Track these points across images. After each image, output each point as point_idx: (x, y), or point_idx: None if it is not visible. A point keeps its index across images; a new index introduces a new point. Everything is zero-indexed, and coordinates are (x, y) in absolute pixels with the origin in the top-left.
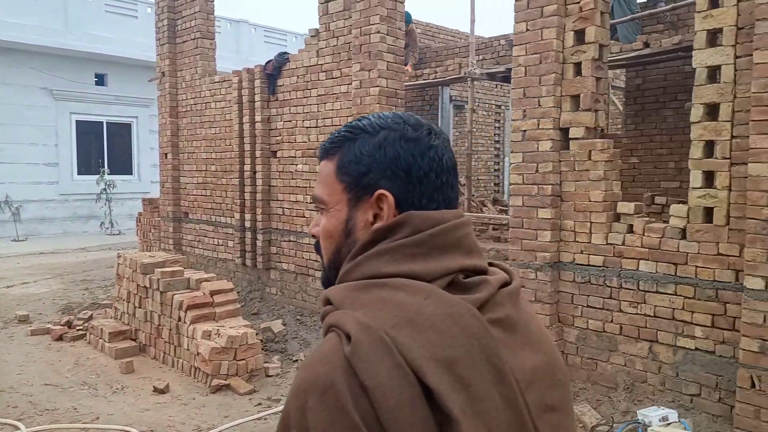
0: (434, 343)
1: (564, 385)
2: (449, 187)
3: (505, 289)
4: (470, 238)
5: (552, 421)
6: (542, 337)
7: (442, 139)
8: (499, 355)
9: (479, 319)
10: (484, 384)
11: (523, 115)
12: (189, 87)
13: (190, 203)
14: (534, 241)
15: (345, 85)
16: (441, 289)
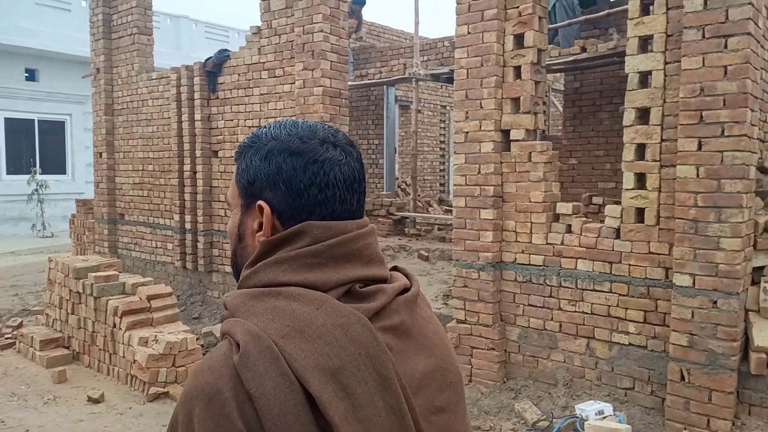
0: (321, 353)
1: (455, 387)
2: (337, 201)
3: (402, 296)
4: (371, 248)
5: (440, 422)
6: (437, 341)
7: (339, 151)
8: (385, 363)
9: (368, 329)
10: (368, 392)
11: (465, 117)
12: (125, 84)
13: (126, 204)
14: (477, 241)
15: (288, 84)
16: (334, 299)
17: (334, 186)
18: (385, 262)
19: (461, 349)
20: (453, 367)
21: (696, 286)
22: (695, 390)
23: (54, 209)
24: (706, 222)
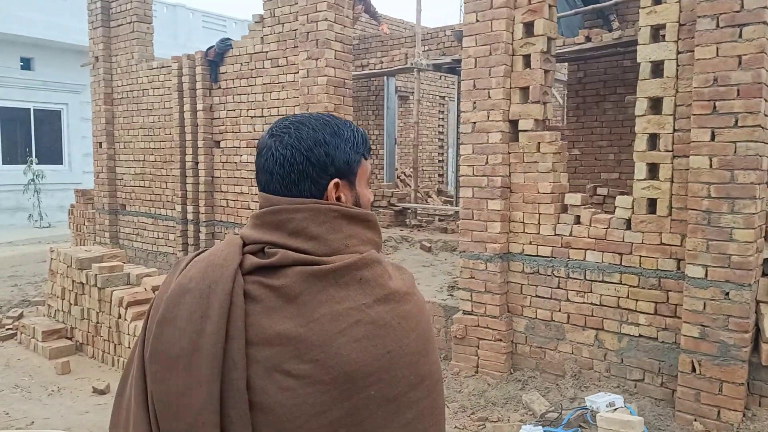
0: (190, 274)
1: (324, 369)
2: (263, 183)
3: (305, 268)
4: (295, 222)
5: (282, 384)
6: (327, 324)
7: (272, 140)
8: (220, 297)
9: (232, 270)
10: (190, 310)
11: (473, 107)
12: (125, 73)
13: (128, 195)
14: (484, 232)
15: (291, 74)
16: (236, 245)
17: (260, 170)
18: (315, 238)
19: (467, 340)
20: (334, 359)
21: (708, 277)
22: (706, 381)
23: (50, 199)
24: (719, 213)
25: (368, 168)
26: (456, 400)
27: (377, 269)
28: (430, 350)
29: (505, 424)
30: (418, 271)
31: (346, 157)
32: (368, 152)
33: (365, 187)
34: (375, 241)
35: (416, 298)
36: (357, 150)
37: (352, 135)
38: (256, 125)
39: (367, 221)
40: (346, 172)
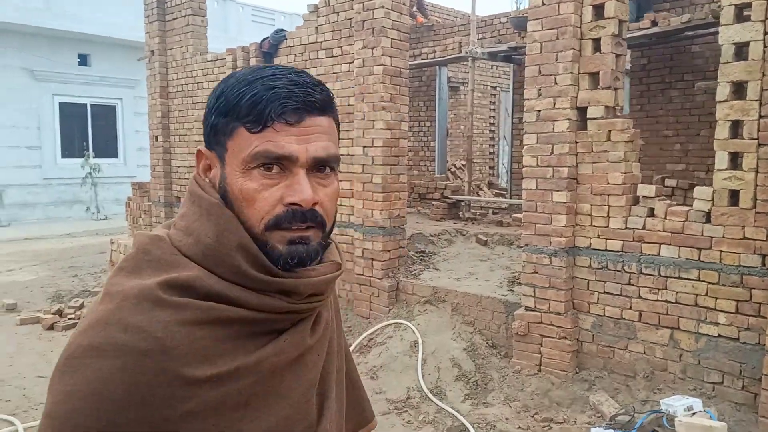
0: None
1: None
2: None
3: None
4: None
5: None
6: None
7: None
8: None
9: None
10: None
11: (537, 94)
12: (180, 66)
13: (182, 187)
14: (548, 225)
15: (346, 64)
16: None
17: None
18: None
19: (530, 338)
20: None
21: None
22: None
23: (107, 192)
24: None
25: (250, 145)
26: (518, 399)
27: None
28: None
29: (573, 425)
30: (475, 265)
31: (211, 119)
32: (254, 121)
33: (242, 172)
34: (203, 241)
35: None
36: (226, 111)
37: (228, 90)
38: None
39: (203, 208)
40: (213, 140)
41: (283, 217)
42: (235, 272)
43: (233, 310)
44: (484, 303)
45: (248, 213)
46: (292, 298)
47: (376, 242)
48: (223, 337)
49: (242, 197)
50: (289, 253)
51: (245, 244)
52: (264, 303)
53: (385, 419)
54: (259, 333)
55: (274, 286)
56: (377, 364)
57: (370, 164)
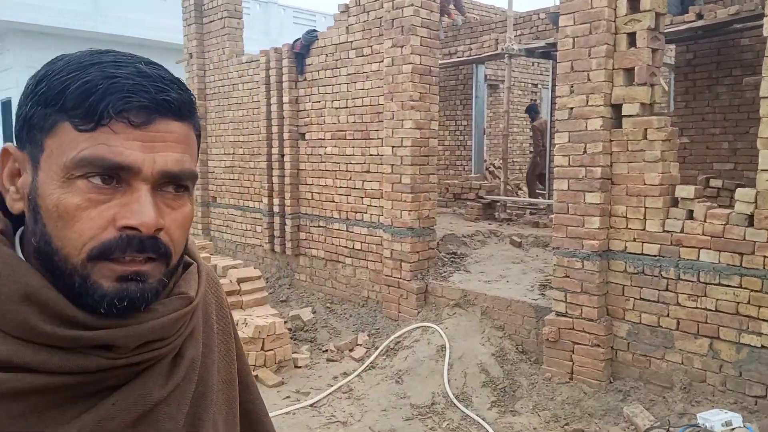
0: None
1: None
2: None
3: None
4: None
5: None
6: None
7: None
8: None
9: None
10: None
11: (570, 91)
12: (216, 68)
13: (218, 188)
14: (581, 227)
15: (376, 63)
16: None
17: None
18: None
19: (561, 344)
20: None
21: None
22: None
23: None
24: None
25: (76, 147)
26: (548, 408)
27: None
28: None
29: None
30: (507, 267)
31: (24, 110)
32: (84, 114)
33: (60, 181)
34: None
35: None
36: (45, 100)
37: (52, 74)
38: (341, 116)
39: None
40: (26, 137)
41: (114, 244)
42: (23, 329)
43: (24, 378)
44: (514, 307)
45: (65, 236)
46: (116, 353)
47: (404, 243)
48: (17, 413)
49: (58, 214)
50: (117, 293)
51: (33, 291)
52: (71, 363)
53: (407, 425)
54: (80, 396)
55: (83, 342)
56: (403, 368)
57: (399, 164)
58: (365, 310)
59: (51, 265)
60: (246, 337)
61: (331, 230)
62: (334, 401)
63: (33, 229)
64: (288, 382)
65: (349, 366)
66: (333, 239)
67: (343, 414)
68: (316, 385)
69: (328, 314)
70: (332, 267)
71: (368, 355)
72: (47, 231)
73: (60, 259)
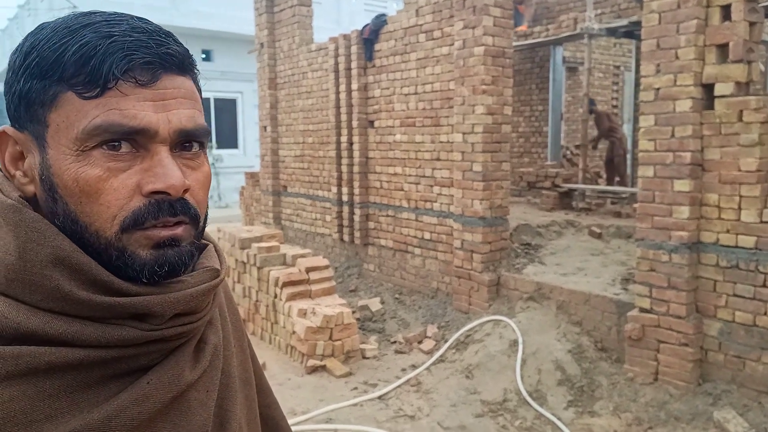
0: None
1: None
2: None
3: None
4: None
5: None
6: None
7: None
8: None
9: None
10: None
11: (656, 71)
12: (287, 57)
13: (289, 176)
14: (668, 217)
15: (446, 47)
16: None
17: None
18: None
19: (645, 342)
20: None
21: None
22: None
23: (228, 181)
24: None
25: (86, 116)
26: (630, 410)
27: None
28: None
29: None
30: (585, 259)
31: (17, 85)
32: (87, 80)
33: (75, 154)
34: (2, 261)
35: None
36: (41, 71)
37: (41, 42)
38: (410, 103)
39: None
40: (22, 117)
41: (145, 211)
42: (55, 297)
43: (58, 352)
44: (593, 302)
45: (91, 212)
46: (150, 324)
47: (475, 233)
48: (49, 393)
49: (79, 190)
50: (156, 260)
51: (64, 255)
52: (107, 335)
53: (478, 422)
54: (111, 376)
55: (118, 311)
56: (473, 362)
57: (470, 151)
58: (434, 302)
59: (81, 244)
60: (314, 327)
61: (399, 219)
62: (402, 394)
63: (53, 210)
64: (356, 373)
65: (418, 358)
66: (402, 229)
67: (411, 408)
68: (384, 377)
69: (397, 305)
70: (401, 257)
71: (437, 348)
72: (71, 209)
73: (91, 235)
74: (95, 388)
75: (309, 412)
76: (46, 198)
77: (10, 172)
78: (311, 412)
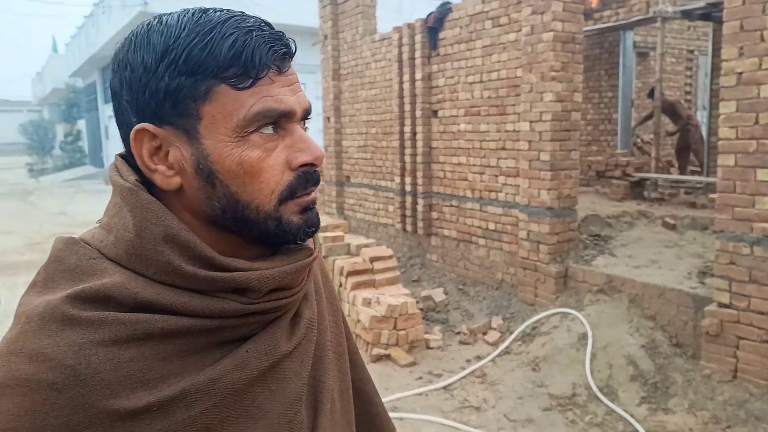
0: None
1: None
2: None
3: None
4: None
5: None
6: None
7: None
8: None
9: None
10: None
11: (738, 54)
12: (350, 48)
13: (352, 167)
14: (750, 208)
15: (513, 33)
16: None
17: None
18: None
19: (723, 338)
20: None
21: None
22: None
23: None
24: None
25: (244, 104)
26: (706, 408)
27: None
28: None
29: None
30: (659, 252)
31: (159, 84)
32: (241, 74)
33: (235, 140)
34: (124, 238)
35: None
36: (190, 68)
37: (185, 40)
38: (475, 92)
39: (120, 197)
40: (169, 112)
41: (297, 182)
42: (167, 271)
43: (169, 320)
44: (668, 295)
45: (253, 190)
46: (248, 297)
47: (542, 224)
48: (163, 356)
49: (245, 171)
50: (304, 223)
51: (173, 233)
52: (210, 306)
53: (545, 415)
54: (215, 344)
55: (220, 284)
56: (540, 355)
57: (537, 140)
58: (499, 293)
59: (241, 221)
60: (378, 316)
61: (463, 210)
62: (467, 385)
63: (209, 196)
64: (420, 363)
65: (483, 350)
66: (466, 219)
67: (476, 399)
68: (448, 368)
69: (461, 296)
70: (465, 247)
71: (502, 340)
72: (232, 190)
73: (252, 211)
74: (201, 354)
75: None
76: (201, 185)
77: (150, 166)
78: None
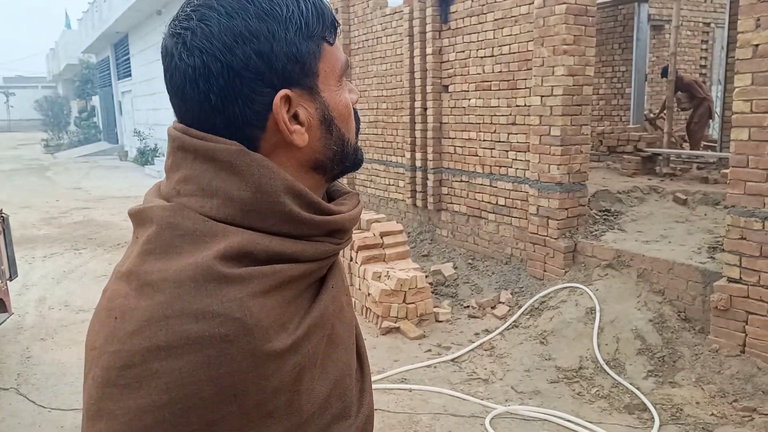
0: None
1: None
2: (177, 109)
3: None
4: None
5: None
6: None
7: (177, 39)
8: None
9: None
10: None
11: (755, 25)
12: (361, 22)
13: (362, 142)
14: (763, 183)
15: (525, 6)
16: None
17: (169, 91)
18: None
19: (732, 313)
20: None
21: None
22: None
23: None
24: None
25: (339, 57)
26: (713, 381)
27: (147, 230)
28: (106, 399)
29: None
30: (670, 227)
31: (292, 50)
32: (332, 32)
33: (339, 88)
34: (238, 197)
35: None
36: (310, 32)
37: (297, 8)
38: (486, 66)
39: (220, 161)
40: (298, 75)
41: (358, 120)
42: (285, 220)
43: (295, 267)
44: (677, 270)
45: (350, 126)
46: (338, 238)
47: (552, 199)
48: (288, 300)
49: (348, 113)
50: (361, 152)
51: (290, 184)
52: (318, 251)
53: (552, 387)
54: (308, 286)
55: (324, 227)
56: (548, 328)
57: (548, 115)
58: (508, 268)
59: (343, 157)
60: (388, 290)
61: (473, 185)
62: (475, 358)
63: (326, 143)
64: (429, 336)
65: (491, 323)
66: (476, 194)
67: (484, 371)
68: (457, 341)
69: (470, 270)
70: (474, 223)
71: (511, 314)
72: (341, 132)
73: (348, 145)
74: (304, 295)
75: (384, 371)
76: (321, 135)
77: (290, 128)
78: (386, 371)
